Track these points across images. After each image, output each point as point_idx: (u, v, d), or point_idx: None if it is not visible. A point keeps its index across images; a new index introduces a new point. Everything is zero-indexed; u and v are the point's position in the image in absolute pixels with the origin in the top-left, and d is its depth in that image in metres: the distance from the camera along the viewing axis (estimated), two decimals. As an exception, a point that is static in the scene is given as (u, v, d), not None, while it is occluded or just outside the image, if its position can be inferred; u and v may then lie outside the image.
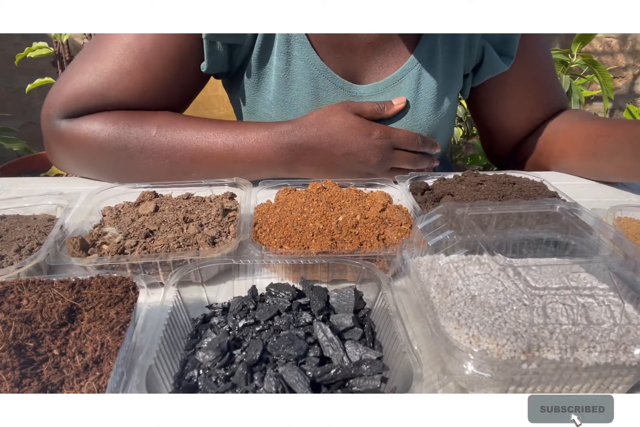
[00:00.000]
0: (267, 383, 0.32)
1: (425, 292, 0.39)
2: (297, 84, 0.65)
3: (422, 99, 0.68)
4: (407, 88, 0.67)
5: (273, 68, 0.65)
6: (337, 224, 0.47)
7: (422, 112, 0.68)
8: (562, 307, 0.35)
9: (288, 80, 0.65)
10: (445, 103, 0.70)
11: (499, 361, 0.32)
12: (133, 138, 0.60)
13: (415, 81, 0.67)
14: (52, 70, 1.58)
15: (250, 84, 0.68)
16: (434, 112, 0.69)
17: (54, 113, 0.62)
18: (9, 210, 0.54)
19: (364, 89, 0.67)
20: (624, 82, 2.29)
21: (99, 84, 0.61)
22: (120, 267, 0.44)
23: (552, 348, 0.33)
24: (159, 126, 0.61)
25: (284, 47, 0.63)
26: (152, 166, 0.61)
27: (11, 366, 0.31)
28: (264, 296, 0.41)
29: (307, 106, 0.67)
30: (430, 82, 0.68)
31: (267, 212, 0.50)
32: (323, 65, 0.65)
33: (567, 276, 0.39)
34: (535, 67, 0.74)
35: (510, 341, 0.33)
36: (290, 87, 0.66)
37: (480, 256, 0.42)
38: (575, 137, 0.70)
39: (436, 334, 0.35)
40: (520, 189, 0.57)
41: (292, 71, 0.65)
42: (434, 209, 0.44)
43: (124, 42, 0.61)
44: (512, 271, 0.38)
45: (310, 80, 0.65)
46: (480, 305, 0.36)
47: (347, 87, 0.67)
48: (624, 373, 0.33)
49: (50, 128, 0.63)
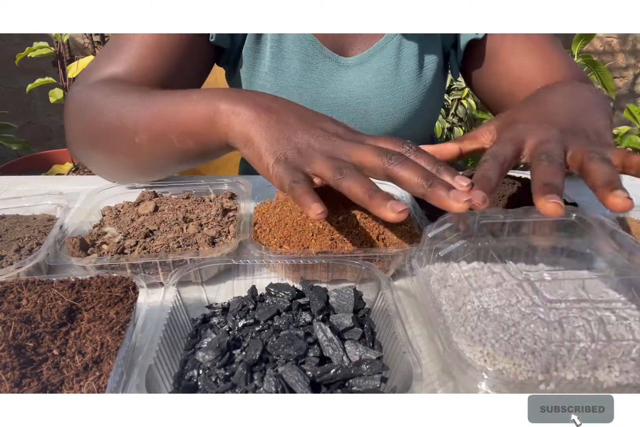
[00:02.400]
0: (267, 383, 0.32)
1: (436, 304, 0.38)
2: (289, 53, 0.69)
3: (404, 65, 0.72)
4: (389, 54, 0.71)
5: (268, 41, 0.69)
6: (337, 223, 0.47)
7: (406, 77, 0.72)
8: (579, 322, 0.34)
9: (281, 50, 0.69)
10: (429, 70, 0.73)
11: (515, 381, 0.31)
12: (106, 102, 0.57)
13: (397, 47, 0.71)
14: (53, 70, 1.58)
15: (248, 58, 0.71)
16: (417, 77, 0.72)
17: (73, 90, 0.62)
18: (9, 210, 0.54)
19: (350, 60, 0.72)
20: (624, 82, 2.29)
21: (121, 71, 0.62)
22: (120, 267, 0.44)
23: (571, 367, 0.31)
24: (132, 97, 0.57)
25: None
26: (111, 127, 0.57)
27: (11, 366, 0.31)
28: (264, 295, 0.41)
29: (300, 74, 0.70)
30: (410, 48, 0.71)
31: (267, 212, 0.50)
32: (312, 37, 0.69)
33: (582, 288, 0.38)
34: (530, 38, 0.72)
35: (528, 360, 0.32)
36: (283, 56, 0.70)
37: (492, 265, 0.41)
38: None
39: (448, 350, 0.33)
40: (520, 189, 0.57)
41: (284, 42, 0.69)
42: (442, 217, 0.43)
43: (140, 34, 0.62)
44: (527, 282, 0.37)
45: (300, 49, 0.69)
46: (495, 319, 0.35)
47: (335, 58, 0.71)
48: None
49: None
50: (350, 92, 0.72)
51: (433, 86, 0.75)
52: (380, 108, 0.74)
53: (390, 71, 0.72)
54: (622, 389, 0.31)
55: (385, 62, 0.72)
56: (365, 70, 0.72)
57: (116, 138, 0.56)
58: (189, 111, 0.51)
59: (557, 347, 0.33)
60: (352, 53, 0.73)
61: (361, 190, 0.39)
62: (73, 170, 1.42)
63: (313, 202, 0.39)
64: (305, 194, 0.40)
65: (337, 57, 0.71)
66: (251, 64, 0.72)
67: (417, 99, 0.74)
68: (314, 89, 0.71)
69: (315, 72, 0.71)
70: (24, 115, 2.01)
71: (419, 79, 0.73)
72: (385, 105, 0.73)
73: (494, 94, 0.77)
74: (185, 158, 0.55)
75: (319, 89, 0.72)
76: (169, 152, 0.54)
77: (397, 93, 0.73)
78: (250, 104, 0.48)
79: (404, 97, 0.73)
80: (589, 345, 0.32)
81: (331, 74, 0.72)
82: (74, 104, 0.61)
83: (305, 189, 0.40)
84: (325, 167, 0.42)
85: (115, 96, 0.57)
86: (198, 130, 0.50)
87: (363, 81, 0.72)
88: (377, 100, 0.73)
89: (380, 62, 0.72)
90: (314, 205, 0.39)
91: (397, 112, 0.74)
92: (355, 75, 0.72)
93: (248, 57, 0.71)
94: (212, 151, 0.53)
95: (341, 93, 0.72)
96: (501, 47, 0.72)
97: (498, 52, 0.73)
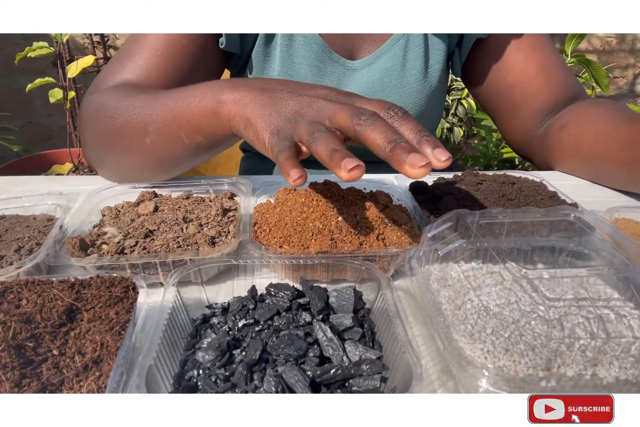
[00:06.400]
0: (267, 383, 0.32)
1: (436, 303, 0.38)
2: (299, 58, 0.70)
3: (410, 66, 0.72)
4: (395, 55, 0.72)
5: (277, 46, 0.69)
6: (337, 223, 0.47)
7: (412, 78, 0.72)
8: (579, 319, 0.34)
9: (291, 55, 0.70)
10: (434, 71, 0.74)
11: (516, 378, 0.31)
12: (116, 106, 0.58)
13: (403, 49, 0.72)
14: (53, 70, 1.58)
15: (257, 62, 0.71)
16: (422, 78, 0.73)
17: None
18: (9, 210, 0.54)
19: (358, 63, 0.72)
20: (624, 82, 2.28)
21: (135, 77, 0.63)
22: (120, 267, 0.44)
23: (571, 364, 0.32)
24: (140, 98, 0.58)
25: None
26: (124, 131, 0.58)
27: (11, 366, 0.31)
28: (264, 295, 0.41)
29: (310, 79, 0.70)
30: (416, 50, 0.72)
31: (266, 212, 0.50)
32: (322, 41, 0.70)
33: (582, 286, 0.38)
34: (531, 38, 0.73)
35: (528, 357, 0.32)
36: (293, 61, 0.70)
37: (492, 265, 0.41)
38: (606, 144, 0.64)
39: (448, 348, 0.34)
40: (520, 189, 0.57)
41: (294, 46, 0.69)
42: (442, 217, 0.43)
43: (151, 40, 0.63)
44: (526, 281, 0.37)
45: (310, 54, 0.70)
46: (494, 317, 0.35)
47: (343, 62, 0.72)
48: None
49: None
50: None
51: (438, 86, 0.75)
52: None
53: (397, 72, 0.72)
54: (622, 385, 0.31)
55: (392, 63, 0.72)
56: (372, 71, 0.72)
57: (128, 140, 0.57)
58: (193, 107, 0.51)
59: (557, 344, 0.33)
60: (359, 56, 0.73)
61: (324, 152, 0.38)
62: (73, 170, 1.42)
63: (291, 168, 0.38)
64: (285, 161, 0.39)
65: (345, 61, 0.72)
66: (261, 68, 0.72)
67: (423, 99, 0.74)
68: None
69: (324, 77, 0.72)
70: (24, 115, 2.01)
71: (425, 79, 0.74)
72: None
73: (495, 91, 0.77)
74: (196, 152, 0.56)
75: None
76: (179, 149, 0.55)
77: (403, 94, 0.73)
78: (248, 89, 0.48)
79: (411, 97, 0.74)
80: (588, 342, 0.33)
81: (339, 78, 0.72)
82: (86, 113, 0.62)
83: (286, 156, 0.40)
84: (304, 132, 0.41)
85: (125, 100, 0.57)
86: (204, 123, 0.51)
87: (370, 82, 0.72)
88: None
89: (387, 63, 0.72)
90: (292, 171, 0.38)
91: None
92: (363, 77, 0.72)
93: (258, 61, 0.71)
94: (221, 142, 0.54)
95: None
96: (505, 45, 0.73)
97: (502, 50, 0.74)
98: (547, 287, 0.38)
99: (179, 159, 0.57)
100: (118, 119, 0.56)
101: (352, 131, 0.40)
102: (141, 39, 0.64)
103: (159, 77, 0.63)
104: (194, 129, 0.52)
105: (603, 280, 0.40)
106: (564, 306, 0.35)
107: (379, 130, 0.38)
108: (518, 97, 0.75)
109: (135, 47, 0.64)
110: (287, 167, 0.39)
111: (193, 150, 0.55)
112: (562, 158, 0.72)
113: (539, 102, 0.74)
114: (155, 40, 0.63)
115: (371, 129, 0.38)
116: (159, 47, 0.63)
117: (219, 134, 0.51)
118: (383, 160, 0.38)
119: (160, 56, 0.63)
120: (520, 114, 0.76)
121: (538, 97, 0.74)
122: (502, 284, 0.39)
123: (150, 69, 0.63)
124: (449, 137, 1.85)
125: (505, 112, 0.78)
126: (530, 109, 0.75)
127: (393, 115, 0.40)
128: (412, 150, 0.36)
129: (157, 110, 0.54)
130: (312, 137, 0.40)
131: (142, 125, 0.55)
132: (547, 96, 0.73)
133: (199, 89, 0.52)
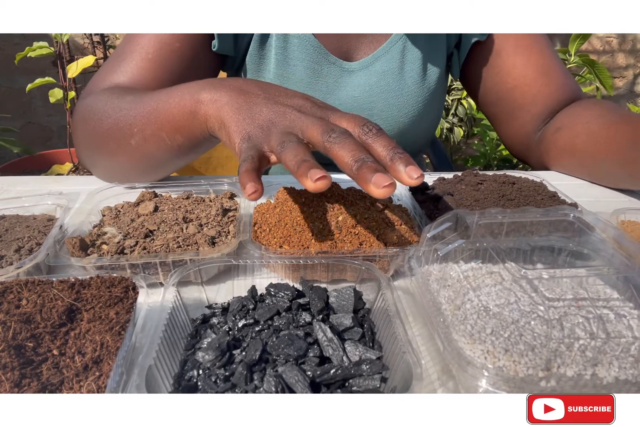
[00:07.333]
0: (267, 383, 0.32)
1: (435, 303, 0.38)
2: (295, 59, 0.69)
3: (408, 68, 0.72)
4: (393, 58, 0.71)
5: (272, 48, 0.69)
6: (337, 223, 0.47)
7: (410, 81, 0.72)
8: (578, 319, 0.34)
9: (286, 57, 0.69)
10: (433, 73, 0.73)
11: (515, 378, 0.31)
12: (105, 108, 0.59)
13: (401, 51, 0.71)
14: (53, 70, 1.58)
15: (252, 64, 0.71)
16: (421, 81, 0.72)
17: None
18: (9, 210, 0.54)
19: (355, 64, 0.72)
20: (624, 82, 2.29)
21: (127, 80, 0.63)
22: (120, 267, 0.44)
23: (571, 364, 0.32)
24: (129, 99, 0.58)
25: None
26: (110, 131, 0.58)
27: (11, 366, 0.31)
28: (264, 296, 0.41)
29: (306, 81, 0.70)
30: (414, 52, 0.72)
31: (266, 212, 0.50)
32: (317, 43, 0.69)
33: (581, 286, 0.38)
34: (531, 40, 0.73)
35: (528, 357, 0.32)
36: (288, 63, 0.70)
37: (491, 265, 0.41)
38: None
39: (448, 348, 0.34)
40: (519, 189, 0.57)
41: (289, 49, 0.69)
42: (442, 217, 0.43)
43: (143, 43, 0.63)
44: (526, 281, 0.37)
45: (306, 56, 0.69)
46: (494, 317, 0.35)
47: (340, 64, 0.71)
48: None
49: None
50: (355, 98, 0.72)
51: (436, 89, 0.75)
52: (385, 112, 0.73)
53: (395, 75, 0.72)
54: (622, 385, 0.31)
55: (389, 65, 0.71)
56: (369, 74, 0.72)
57: (115, 142, 0.57)
58: (173, 107, 0.51)
59: (557, 344, 0.33)
60: (356, 58, 0.72)
61: (292, 161, 0.38)
62: (73, 171, 1.42)
63: (248, 182, 0.38)
64: (244, 173, 0.39)
65: (342, 63, 0.71)
66: (256, 70, 0.72)
67: (421, 102, 0.74)
68: (320, 96, 0.71)
69: (320, 78, 0.71)
70: (24, 115, 2.01)
71: (423, 82, 0.73)
72: (389, 109, 0.73)
73: (494, 94, 0.77)
74: (178, 154, 0.56)
75: (324, 96, 0.72)
76: (163, 150, 0.55)
77: (401, 97, 0.73)
78: (226, 89, 0.48)
79: (409, 100, 0.73)
80: (588, 342, 0.33)
81: (336, 80, 0.72)
82: (77, 116, 0.62)
83: (246, 168, 0.40)
84: (275, 141, 0.41)
85: (112, 103, 0.58)
86: (183, 123, 0.51)
87: (368, 85, 0.72)
88: (381, 104, 0.73)
89: (384, 66, 0.71)
90: (248, 185, 0.38)
91: (402, 116, 0.74)
92: (360, 79, 0.72)
93: (252, 63, 0.71)
94: (201, 143, 0.53)
95: (346, 99, 0.72)
96: (504, 47, 0.73)
97: (501, 52, 0.73)
98: (547, 287, 0.38)
99: (164, 160, 0.58)
100: (105, 121, 0.57)
101: (322, 148, 0.40)
102: (133, 41, 0.64)
103: (150, 80, 0.63)
104: (174, 130, 0.52)
105: (603, 280, 0.40)
106: (564, 306, 0.35)
107: (348, 148, 0.38)
108: (517, 100, 0.75)
109: (127, 50, 0.64)
110: (244, 180, 0.39)
111: (176, 151, 0.55)
112: (558, 160, 0.72)
113: (539, 105, 0.74)
114: (147, 43, 0.63)
115: (339, 146, 0.38)
116: (150, 50, 0.63)
117: (197, 134, 0.51)
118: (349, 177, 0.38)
119: (152, 59, 0.63)
120: (519, 118, 0.76)
121: (537, 100, 0.74)
122: (501, 284, 0.39)
123: (142, 72, 0.63)
124: (449, 137, 1.85)
125: (505, 115, 0.78)
126: (529, 113, 0.75)
127: (367, 132, 0.40)
128: (378, 170, 0.36)
129: (141, 111, 0.54)
130: (281, 146, 0.40)
131: (128, 127, 0.55)
132: (546, 99, 0.73)
133: (180, 90, 0.52)
